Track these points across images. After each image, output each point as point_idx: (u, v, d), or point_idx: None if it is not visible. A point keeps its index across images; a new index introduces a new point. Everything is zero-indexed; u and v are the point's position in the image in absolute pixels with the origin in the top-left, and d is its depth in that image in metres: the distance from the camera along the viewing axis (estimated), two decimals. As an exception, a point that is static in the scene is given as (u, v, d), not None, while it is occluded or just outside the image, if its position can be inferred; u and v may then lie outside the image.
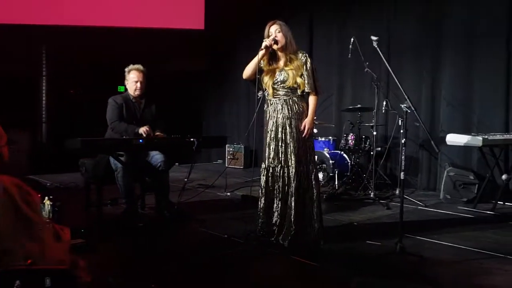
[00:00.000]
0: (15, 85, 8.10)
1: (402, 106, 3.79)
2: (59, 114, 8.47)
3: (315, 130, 6.75)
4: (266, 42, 3.88)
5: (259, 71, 3.95)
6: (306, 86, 3.90)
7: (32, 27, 8.01)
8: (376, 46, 4.04)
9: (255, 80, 3.95)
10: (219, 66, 9.59)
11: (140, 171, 4.77)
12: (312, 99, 3.96)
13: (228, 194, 6.17)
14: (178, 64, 9.26)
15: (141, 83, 4.81)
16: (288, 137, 3.89)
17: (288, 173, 3.88)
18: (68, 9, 8.02)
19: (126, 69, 4.85)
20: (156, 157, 4.73)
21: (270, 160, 3.96)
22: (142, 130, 4.58)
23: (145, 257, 3.66)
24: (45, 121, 8.56)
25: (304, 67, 3.90)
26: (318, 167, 6.67)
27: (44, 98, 8.56)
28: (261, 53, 3.87)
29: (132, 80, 4.81)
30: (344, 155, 6.73)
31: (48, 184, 6.57)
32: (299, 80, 3.89)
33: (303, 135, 3.91)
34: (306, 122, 3.92)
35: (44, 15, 7.93)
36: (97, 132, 4.83)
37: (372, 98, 6.26)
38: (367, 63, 5.90)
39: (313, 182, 3.93)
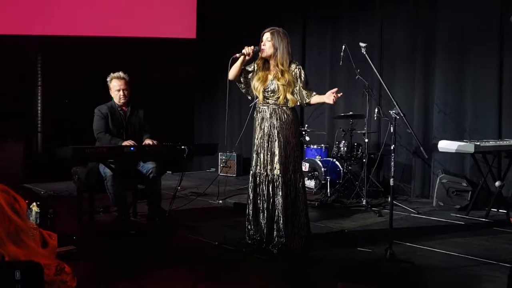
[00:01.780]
0: (10, 95, 8.11)
1: (391, 112, 3.80)
2: (54, 124, 8.48)
3: (307, 138, 6.80)
4: (244, 50, 3.86)
5: (243, 72, 4.00)
6: (301, 100, 3.90)
7: (27, 38, 8.04)
8: (364, 53, 4.05)
9: (240, 81, 4.02)
10: (211, 75, 9.58)
11: (132, 179, 4.77)
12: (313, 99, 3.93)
13: (220, 202, 6.14)
14: (170, 72, 9.30)
15: (123, 90, 4.79)
16: (275, 146, 3.87)
17: (274, 182, 3.87)
18: (62, 19, 8.05)
19: (108, 78, 4.84)
20: (147, 164, 4.72)
21: (258, 168, 3.95)
22: (126, 144, 4.55)
23: (136, 264, 3.66)
24: (40, 131, 8.57)
25: (298, 80, 3.89)
26: (310, 174, 6.73)
27: (39, 108, 8.57)
28: (240, 59, 3.88)
29: (115, 89, 4.79)
30: (336, 162, 6.72)
31: (42, 192, 6.56)
32: (289, 96, 3.86)
33: (334, 97, 3.84)
34: (326, 97, 3.85)
35: (39, 25, 7.95)
36: (92, 141, 4.84)
37: (364, 105, 6.28)
38: (358, 70, 5.90)
39: (301, 191, 3.93)
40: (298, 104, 3.94)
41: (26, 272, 1.65)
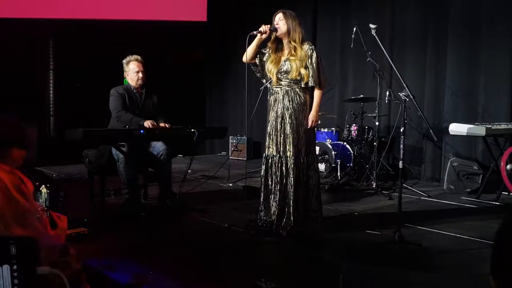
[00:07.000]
0: (22, 79, 8.17)
1: (401, 94, 3.78)
2: (66, 107, 8.55)
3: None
4: (261, 28, 3.90)
5: (259, 54, 4.03)
6: (310, 79, 3.90)
7: (39, 21, 8.08)
8: (374, 34, 4.02)
9: (255, 64, 4.05)
10: (222, 58, 9.57)
11: (143, 162, 4.80)
12: (316, 93, 3.98)
13: (231, 185, 6.18)
14: (181, 56, 9.29)
15: (142, 72, 4.80)
16: (287, 128, 3.89)
17: (287, 164, 3.88)
18: (73, 2, 8.08)
19: (124, 61, 4.82)
20: (158, 147, 4.75)
21: (270, 150, 3.98)
22: (147, 123, 4.57)
23: (146, 246, 3.69)
24: (53, 114, 8.65)
25: (309, 59, 3.89)
26: (320, 158, 6.72)
27: (51, 92, 8.64)
28: (256, 38, 3.93)
29: (133, 71, 4.78)
30: (347, 146, 6.69)
31: (54, 175, 6.63)
32: (303, 71, 3.88)
33: (308, 127, 3.93)
34: (311, 115, 3.93)
35: (51, 9, 7.99)
36: (105, 125, 4.85)
37: (375, 88, 6.23)
38: (370, 53, 5.86)
39: (313, 174, 3.96)
40: (311, 82, 3.93)
41: (21, 247, 1.66)
